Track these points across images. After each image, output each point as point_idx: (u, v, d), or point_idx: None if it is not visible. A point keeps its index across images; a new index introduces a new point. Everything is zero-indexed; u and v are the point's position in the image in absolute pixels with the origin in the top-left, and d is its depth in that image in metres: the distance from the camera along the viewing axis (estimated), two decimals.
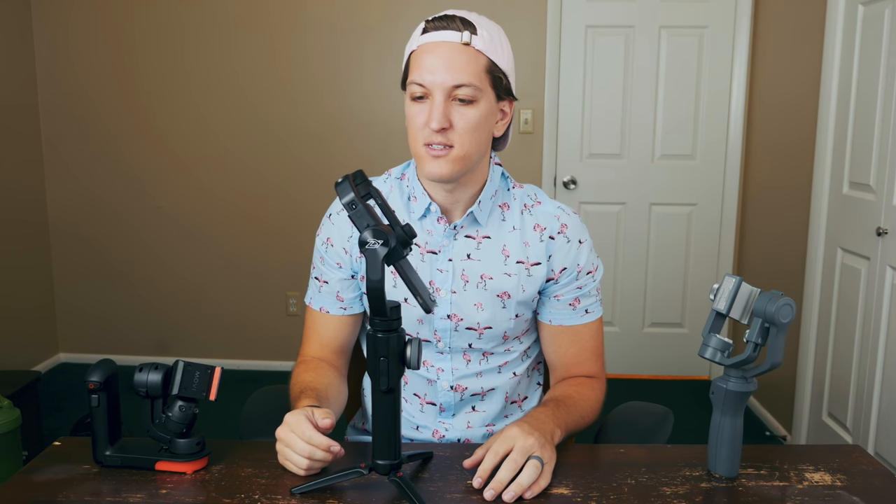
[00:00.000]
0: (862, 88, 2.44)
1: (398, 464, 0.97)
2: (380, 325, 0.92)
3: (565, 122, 3.51)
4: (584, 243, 1.26)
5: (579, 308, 1.27)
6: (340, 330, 1.30)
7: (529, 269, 1.23)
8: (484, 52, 1.12)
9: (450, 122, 1.11)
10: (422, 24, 1.16)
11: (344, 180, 0.93)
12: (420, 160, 1.16)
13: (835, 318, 2.61)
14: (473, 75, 1.11)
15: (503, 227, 1.24)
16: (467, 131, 1.13)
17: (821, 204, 2.67)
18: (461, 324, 1.23)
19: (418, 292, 0.93)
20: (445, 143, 1.12)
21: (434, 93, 1.11)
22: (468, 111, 1.12)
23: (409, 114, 1.15)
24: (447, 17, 1.13)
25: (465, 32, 1.11)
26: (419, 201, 1.23)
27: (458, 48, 1.11)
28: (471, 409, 1.30)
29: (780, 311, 0.96)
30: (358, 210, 0.91)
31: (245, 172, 3.60)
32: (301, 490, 0.99)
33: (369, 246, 0.89)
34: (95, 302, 3.74)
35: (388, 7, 3.48)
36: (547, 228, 1.24)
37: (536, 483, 1.00)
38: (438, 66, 1.10)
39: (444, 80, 1.10)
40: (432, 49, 1.12)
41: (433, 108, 1.11)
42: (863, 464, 1.11)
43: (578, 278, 1.25)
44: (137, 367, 1.04)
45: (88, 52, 3.55)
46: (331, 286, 1.28)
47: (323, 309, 1.29)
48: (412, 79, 1.14)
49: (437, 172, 1.14)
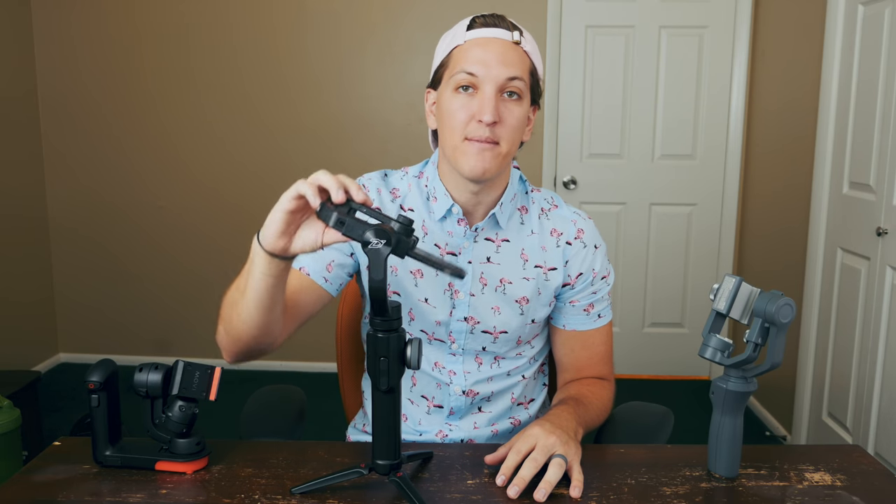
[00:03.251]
0: (862, 88, 2.44)
1: (398, 464, 0.97)
2: (380, 325, 0.92)
3: (565, 122, 3.51)
4: (600, 248, 1.26)
5: (593, 313, 1.27)
6: (309, 296, 1.20)
7: (547, 274, 1.23)
8: (529, 54, 1.14)
9: (500, 117, 1.10)
10: (463, 21, 1.15)
11: (322, 206, 0.91)
12: (459, 155, 1.13)
13: (835, 318, 2.61)
14: (523, 72, 1.12)
15: (522, 230, 1.23)
16: (514, 128, 1.12)
17: (821, 204, 2.67)
18: (477, 327, 1.22)
19: (444, 265, 0.91)
20: (492, 139, 1.11)
21: (484, 85, 1.10)
22: (516, 108, 1.12)
23: (451, 106, 1.12)
24: (497, 16, 1.14)
25: (515, 32, 1.12)
26: (440, 202, 1.20)
27: (509, 45, 1.12)
28: (477, 411, 1.29)
29: (780, 311, 0.96)
30: (348, 224, 0.90)
31: (246, 172, 3.60)
32: (301, 490, 0.99)
33: (372, 246, 0.88)
34: (95, 302, 3.74)
35: (389, 8, 3.48)
36: (564, 233, 1.24)
37: (575, 479, 1.00)
38: (492, 59, 1.10)
39: (498, 73, 1.10)
40: (484, 43, 1.11)
41: (484, 100, 1.09)
42: (863, 464, 1.11)
43: (594, 283, 1.26)
44: (137, 367, 1.04)
45: (89, 49, 3.55)
46: (326, 254, 1.20)
47: (304, 270, 1.20)
48: (461, 68, 1.11)
49: (481, 166, 1.11)
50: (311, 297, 1.21)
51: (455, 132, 1.12)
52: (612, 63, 3.46)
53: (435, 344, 1.25)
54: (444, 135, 1.15)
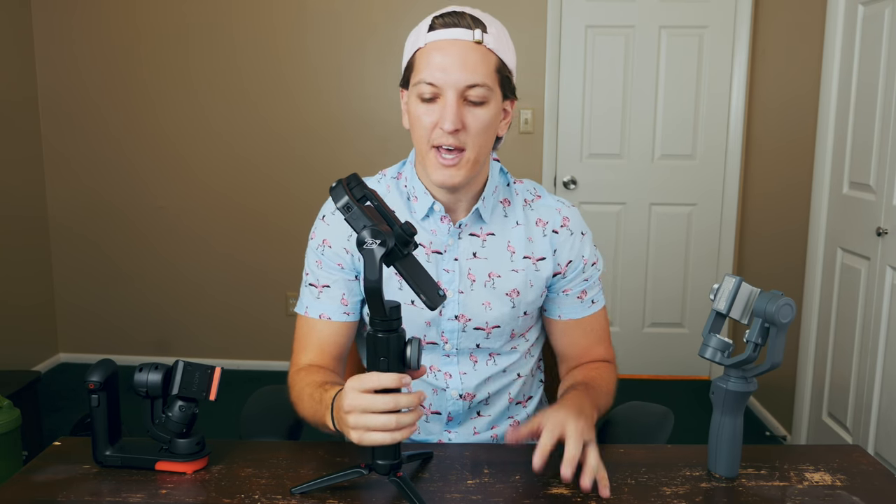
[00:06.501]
0: (862, 88, 2.44)
1: (398, 464, 0.97)
2: (380, 326, 0.92)
3: (565, 122, 3.51)
4: (586, 235, 1.26)
5: (586, 300, 1.27)
6: (342, 335, 1.23)
7: (536, 265, 1.22)
8: (494, 50, 1.09)
9: (463, 124, 1.08)
10: (426, 19, 1.11)
11: (338, 184, 0.92)
12: (428, 165, 1.12)
13: (835, 318, 2.61)
14: (486, 75, 1.08)
15: (506, 223, 1.23)
16: (479, 133, 1.10)
17: (821, 204, 2.67)
18: (469, 324, 1.21)
19: (422, 290, 0.90)
20: (457, 146, 1.09)
21: (446, 93, 1.07)
22: (480, 112, 1.09)
23: (416, 113, 1.11)
24: (457, 14, 1.09)
25: (476, 30, 1.07)
26: (421, 201, 1.20)
27: (470, 46, 1.07)
28: (476, 415, 1.28)
29: (780, 311, 0.96)
30: (353, 213, 0.90)
31: (245, 172, 3.60)
32: (301, 490, 0.98)
33: (367, 245, 0.88)
34: (95, 302, 3.74)
35: (389, 7, 3.48)
36: (549, 222, 1.24)
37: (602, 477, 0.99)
38: (451, 64, 1.06)
39: (458, 79, 1.06)
40: (443, 47, 1.07)
41: (445, 108, 1.07)
42: (863, 464, 1.11)
43: (585, 270, 1.25)
44: (137, 367, 1.04)
45: (88, 50, 3.55)
46: (334, 290, 1.22)
47: (323, 316, 1.22)
48: (421, 77, 1.08)
49: (450, 182, 1.11)
50: (344, 334, 1.24)
51: (422, 140, 1.12)
52: (612, 63, 3.46)
53: (428, 347, 1.23)
54: (413, 139, 1.15)
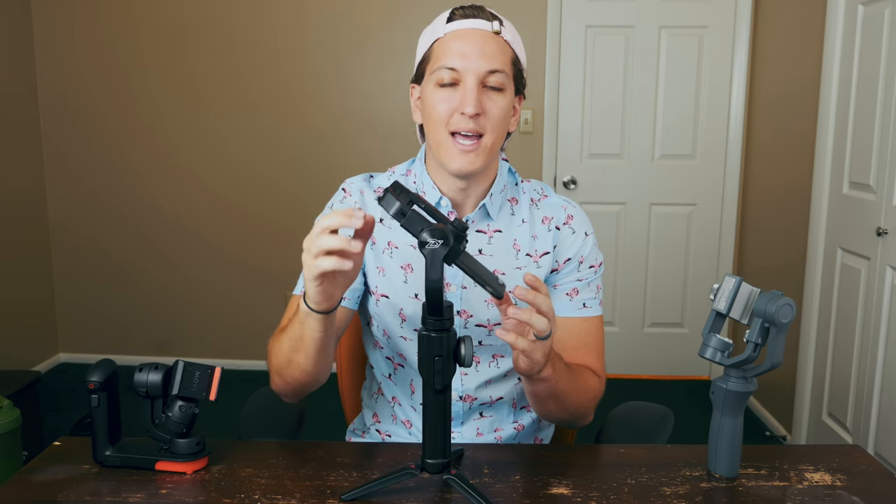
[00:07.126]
0: (862, 88, 2.44)
1: (449, 462, 0.96)
2: (433, 325, 0.91)
3: (565, 122, 3.51)
4: (590, 236, 1.25)
5: (577, 300, 1.24)
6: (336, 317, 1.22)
7: (538, 261, 1.22)
8: (511, 43, 1.13)
9: (483, 108, 1.10)
10: (444, 13, 1.15)
11: (386, 193, 0.92)
12: (445, 153, 1.13)
13: (835, 318, 2.61)
14: (505, 64, 1.12)
15: (513, 220, 1.23)
16: (498, 119, 1.12)
17: (821, 204, 2.67)
18: (471, 320, 1.21)
19: (486, 282, 0.91)
20: (476, 131, 1.11)
21: (466, 78, 1.10)
22: (499, 98, 1.12)
23: (433, 101, 1.12)
24: (476, 7, 1.14)
25: (495, 22, 1.12)
26: (429, 196, 1.20)
27: (489, 36, 1.12)
28: (479, 416, 1.28)
29: (780, 311, 0.96)
30: (409, 217, 0.90)
31: (245, 171, 3.60)
32: (351, 496, 0.95)
33: (430, 246, 0.88)
34: (95, 302, 3.74)
35: (389, 8, 3.48)
36: (553, 219, 1.24)
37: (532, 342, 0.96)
38: (472, 51, 1.10)
39: (479, 65, 1.10)
40: (464, 35, 1.11)
41: (466, 93, 1.09)
42: (863, 464, 1.11)
43: (580, 269, 1.24)
44: (137, 367, 1.03)
45: (89, 49, 3.56)
46: None
47: None
48: (442, 64, 1.11)
49: (469, 168, 1.12)
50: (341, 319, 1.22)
51: (439, 126, 1.12)
52: (611, 63, 3.46)
53: None
54: (428, 129, 1.16)
